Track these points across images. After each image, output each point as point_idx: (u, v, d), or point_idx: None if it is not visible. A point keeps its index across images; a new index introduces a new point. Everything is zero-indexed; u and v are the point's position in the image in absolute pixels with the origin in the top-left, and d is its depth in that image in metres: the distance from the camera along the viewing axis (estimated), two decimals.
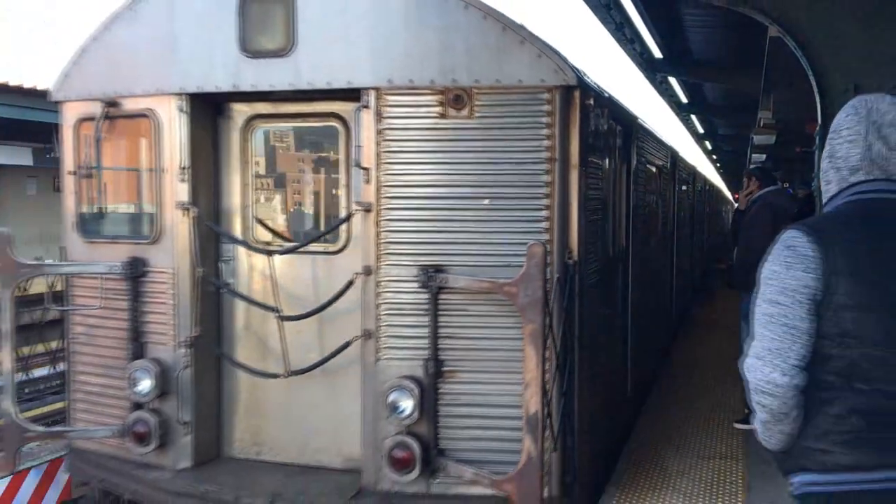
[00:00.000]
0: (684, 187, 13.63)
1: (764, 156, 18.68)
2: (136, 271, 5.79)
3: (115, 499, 6.16)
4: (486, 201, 5.16)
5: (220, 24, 5.46)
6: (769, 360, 2.53)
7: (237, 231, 5.99)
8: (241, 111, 5.90)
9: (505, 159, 5.12)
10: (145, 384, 5.72)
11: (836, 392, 2.52)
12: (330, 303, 5.45)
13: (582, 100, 5.21)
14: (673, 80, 17.59)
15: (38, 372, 12.95)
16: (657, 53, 14.44)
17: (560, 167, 5.11)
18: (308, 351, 5.69)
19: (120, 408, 5.96)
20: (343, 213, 5.66)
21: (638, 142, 7.78)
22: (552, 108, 5.06)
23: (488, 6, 5.10)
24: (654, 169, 9.21)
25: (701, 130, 28.25)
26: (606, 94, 6.23)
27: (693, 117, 24.86)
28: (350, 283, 5.37)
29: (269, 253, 5.70)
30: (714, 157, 38.75)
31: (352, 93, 5.32)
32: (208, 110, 5.85)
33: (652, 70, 15.46)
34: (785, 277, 2.54)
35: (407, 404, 5.19)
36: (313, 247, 5.76)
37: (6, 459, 5.84)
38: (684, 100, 20.48)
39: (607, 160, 6.28)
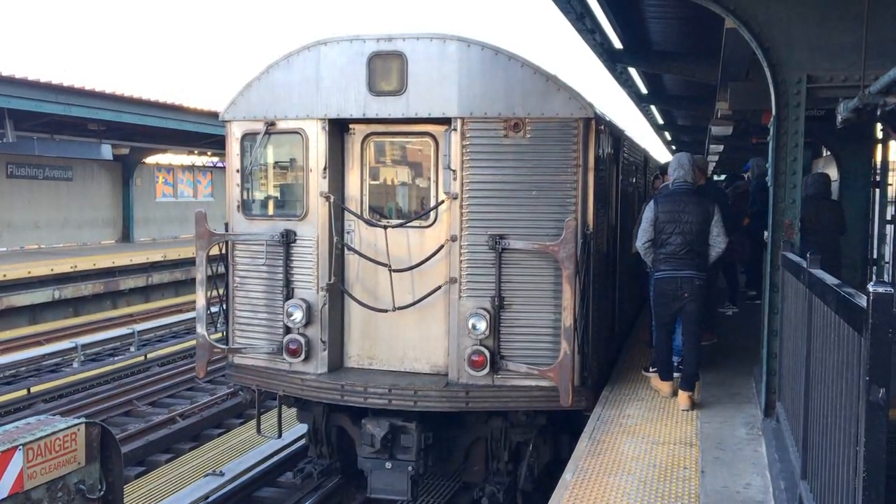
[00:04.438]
0: (651, 178, 16.55)
1: (721, 146, 19.51)
2: (289, 239, 8.43)
3: (265, 396, 8.86)
4: (534, 192, 7.86)
5: (354, 72, 8.09)
6: (638, 240, 8.42)
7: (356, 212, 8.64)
8: (360, 129, 8.51)
9: (547, 165, 7.82)
10: (298, 315, 8.35)
11: (659, 248, 8.20)
12: (427, 260, 8.13)
13: (596, 126, 7.97)
14: (633, 71, 17.42)
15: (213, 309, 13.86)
16: (617, 44, 14.43)
17: (582, 170, 7.84)
18: (405, 293, 8.35)
19: (271, 333, 8.60)
20: (433, 201, 8.32)
21: (623, 148, 10.58)
22: (578, 132, 7.79)
23: (537, 65, 7.79)
24: (632, 166, 12.06)
25: (661, 121, 28.81)
26: (608, 119, 9.00)
27: (653, 108, 24.81)
28: (441, 247, 8.08)
29: (385, 227, 8.35)
30: (673, 147, 39.02)
31: (442, 120, 8.01)
32: (339, 129, 8.49)
33: (612, 60, 15.37)
34: (644, 214, 8.36)
35: (482, 325, 7.91)
36: (412, 223, 8.44)
37: (200, 366, 8.49)
38: (644, 90, 20.37)
39: (607, 163, 9.05)
